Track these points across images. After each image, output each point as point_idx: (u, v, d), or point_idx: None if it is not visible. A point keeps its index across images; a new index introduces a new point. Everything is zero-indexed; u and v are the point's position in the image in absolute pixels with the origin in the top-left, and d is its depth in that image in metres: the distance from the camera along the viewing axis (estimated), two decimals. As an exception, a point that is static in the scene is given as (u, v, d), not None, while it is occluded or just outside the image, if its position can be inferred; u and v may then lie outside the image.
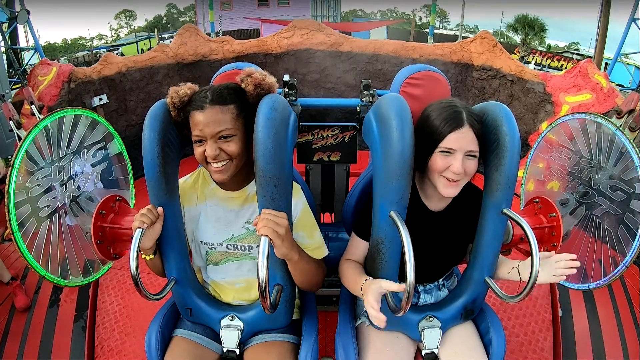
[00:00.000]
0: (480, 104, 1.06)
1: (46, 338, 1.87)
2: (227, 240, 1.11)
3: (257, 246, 0.95)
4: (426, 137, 0.98)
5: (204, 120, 0.95)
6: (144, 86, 3.68)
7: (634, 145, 1.09)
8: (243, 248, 1.11)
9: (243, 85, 1.00)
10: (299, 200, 1.09)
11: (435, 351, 1.11)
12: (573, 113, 1.28)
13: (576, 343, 1.86)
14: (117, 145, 1.34)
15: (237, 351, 1.12)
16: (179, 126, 1.02)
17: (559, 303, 1.99)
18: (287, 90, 1.39)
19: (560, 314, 1.95)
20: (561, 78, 3.19)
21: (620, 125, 1.69)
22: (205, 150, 0.96)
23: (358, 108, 1.41)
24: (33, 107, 2.52)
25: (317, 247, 1.11)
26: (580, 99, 2.99)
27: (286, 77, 1.44)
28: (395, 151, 0.93)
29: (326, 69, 4.13)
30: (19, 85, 3.10)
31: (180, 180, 1.14)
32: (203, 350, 1.12)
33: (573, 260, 0.94)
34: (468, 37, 3.91)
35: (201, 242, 1.13)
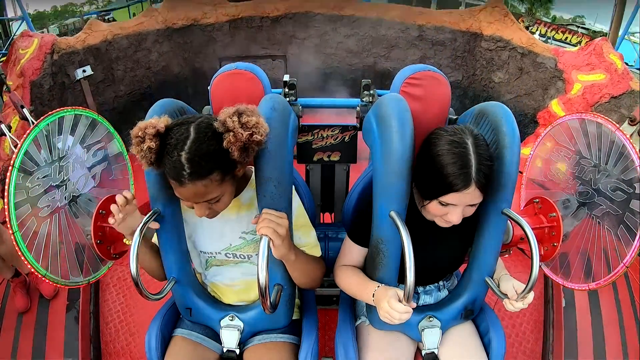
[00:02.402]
0: (480, 105, 1.05)
1: (39, 331, 1.84)
2: (225, 249, 1.11)
3: (256, 254, 0.95)
4: (428, 176, 0.93)
5: (185, 194, 0.87)
6: (132, 54, 3.49)
7: (634, 145, 1.09)
8: (242, 257, 1.11)
9: (225, 145, 0.83)
10: (294, 200, 1.09)
11: (435, 351, 1.11)
12: (572, 113, 1.28)
13: (578, 338, 1.85)
14: (117, 145, 1.33)
15: (237, 351, 1.12)
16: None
17: (563, 293, 1.97)
18: (287, 90, 1.38)
19: (563, 304, 1.92)
20: (574, 54, 3.02)
21: (632, 134, 1.65)
22: (195, 210, 0.92)
23: (358, 108, 1.41)
24: (25, 110, 2.37)
25: (313, 245, 1.12)
26: (593, 78, 2.84)
27: (286, 77, 1.44)
28: (396, 152, 0.93)
29: (326, 34, 3.94)
30: (4, 57, 3.00)
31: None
32: (203, 350, 1.12)
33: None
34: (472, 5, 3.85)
35: (200, 251, 1.13)
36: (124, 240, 1.01)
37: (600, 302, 2.00)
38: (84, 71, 3.05)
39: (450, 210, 0.93)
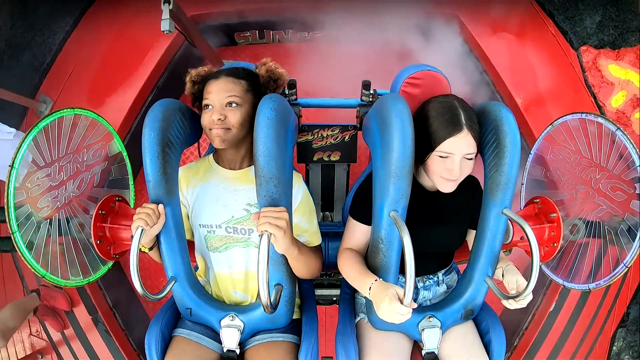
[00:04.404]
0: (480, 104, 1.06)
1: (86, 345, 1.94)
2: (226, 221, 1.11)
3: None
4: (424, 137, 0.99)
5: (216, 87, 1.05)
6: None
7: (634, 145, 1.09)
8: (243, 231, 1.11)
9: (257, 70, 1.13)
10: (300, 187, 1.11)
11: (435, 351, 1.11)
12: (573, 113, 1.27)
13: (545, 340, 1.85)
14: (117, 145, 1.33)
15: (238, 351, 1.12)
16: (193, 99, 1.14)
17: (558, 297, 1.96)
18: (287, 90, 1.38)
19: (551, 308, 1.91)
20: None
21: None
22: (211, 115, 1.03)
23: (358, 108, 1.40)
24: None
25: (315, 232, 1.15)
26: None
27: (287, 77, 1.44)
28: (396, 152, 0.93)
29: None
30: None
31: (185, 166, 1.18)
32: (203, 350, 1.12)
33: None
34: None
35: (199, 224, 1.13)
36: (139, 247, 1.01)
37: (584, 308, 2.00)
38: None
39: (448, 162, 0.98)
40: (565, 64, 2.19)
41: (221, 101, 1.04)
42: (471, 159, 0.99)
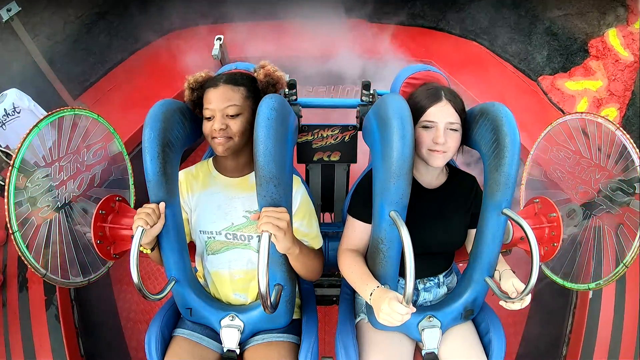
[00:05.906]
0: (481, 104, 1.06)
1: (26, 331, 1.77)
2: (226, 228, 1.12)
3: (258, 236, 0.96)
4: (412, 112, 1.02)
5: (216, 96, 1.04)
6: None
7: (634, 145, 1.09)
8: (243, 238, 1.12)
9: (255, 75, 1.11)
10: (298, 190, 1.11)
11: (435, 351, 1.11)
12: (573, 113, 1.28)
13: (598, 332, 1.77)
14: (117, 145, 1.33)
15: (238, 351, 1.12)
16: (193, 106, 1.12)
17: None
18: (287, 90, 1.38)
19: (590, 295, 1.82)
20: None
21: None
22: (213, 124, 1.03)
23: (358, 108, 1.41)
24: None
25: (315, 235, 1.14)
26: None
27: (286, 77, 1.44)
28: (396, 151, 0.93)
29: None
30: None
31: (185, 170, 1.18)
32: (203, 350, 1.12)
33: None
34: None
35: (200, 231, 1.14)
36: (140, 248, 1.01)
37: (626, 294, 1.88)
38: (8, 10, 2.25)
39: (433, 132, 1.01)
40: (529, 92, 2.70)
41: (222, 110, 1.03)
42: (456, 130, 1.02)
